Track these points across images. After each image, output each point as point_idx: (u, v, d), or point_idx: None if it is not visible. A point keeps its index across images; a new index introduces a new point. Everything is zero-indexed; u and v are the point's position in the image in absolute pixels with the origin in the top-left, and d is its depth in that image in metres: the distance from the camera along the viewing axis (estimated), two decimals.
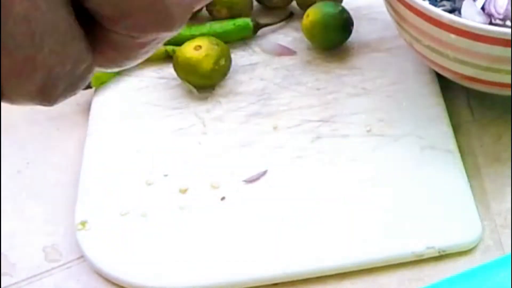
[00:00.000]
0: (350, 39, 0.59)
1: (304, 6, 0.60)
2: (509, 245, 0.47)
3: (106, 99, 0.56)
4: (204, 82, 0.56)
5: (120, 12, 0.25)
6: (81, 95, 0.57)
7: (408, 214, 0.48)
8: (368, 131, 0.53)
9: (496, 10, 0.49)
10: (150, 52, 0.27)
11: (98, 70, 0.31)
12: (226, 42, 0.59)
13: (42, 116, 0.55)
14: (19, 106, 0.52)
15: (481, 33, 0.46)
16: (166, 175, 0.51)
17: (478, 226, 0.47)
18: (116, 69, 0.27)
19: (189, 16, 0.26)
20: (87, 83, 0.28)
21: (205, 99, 0.56)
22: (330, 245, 0.46)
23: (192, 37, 0.56)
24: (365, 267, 0.46)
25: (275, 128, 0.54)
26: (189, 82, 0.55)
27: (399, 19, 0.52)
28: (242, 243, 0.47)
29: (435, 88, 0.55)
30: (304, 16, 0.58)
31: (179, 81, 0.56)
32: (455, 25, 0.46)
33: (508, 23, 0.49)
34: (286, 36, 0.61)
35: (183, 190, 0.50)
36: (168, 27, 0.26)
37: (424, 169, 0.50)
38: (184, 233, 0.48)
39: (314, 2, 0.59)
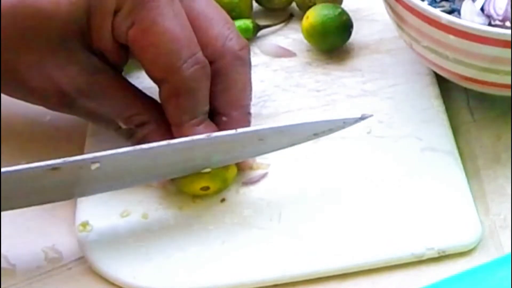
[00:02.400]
0: (350, 40, 0.59)
1: (304, 8, 0.60)
2: (509, 246, 0.47)
3: None
4: None
5: None
6: None
7: (408, 215, 0.48)
8: (368, 132, 0.53)
9: (495, 11, 0.49)
10: None
11: None
12: None
13: (42, 116, 0.55)
14: (19, 107, 0.52)
15: (480, 34, 0.46)
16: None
17: (478, 227, 0.47)
18: None
19: None
20: None
21: None
22: (330, 246, 0.46)
23: None
24: (365, 269, 0.46)
25: None
26: None
27: (398, 20, 0.52)
28: (242, 245, 0.47)
29: (434, 89, 0.55)
30: (304, 18, 0.58)
31: None
32: (454, 26, 0.47)
33: (508, 24, 0.49)
34: (286, 37, 0.61)
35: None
36: None
37: (423, 171, 0.50)
38: (184, 235, 0.48)
39: (314, 4, 0.59)
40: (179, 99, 0.48)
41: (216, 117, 0.50)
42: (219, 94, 0.50)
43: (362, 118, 0.48)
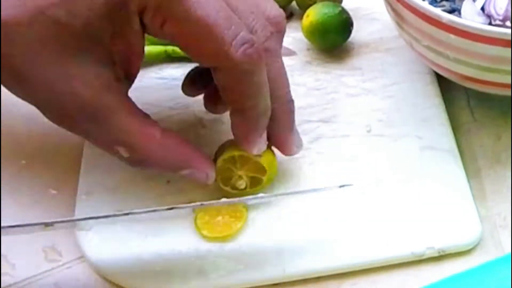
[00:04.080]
0: (350, 39, 0.59)
1: (304, 7, 0.60)
2: (508, 246, 0.47)
3: None
4: None
5: None
6: None
7: (408, 215, 0.48)
8: (368, 131, 0.53)
9: (495, 11, 0.49)
10: None
11: None
12: None
13: (42, 116, 0.54)
14: (19, 107, 0.52)
15: (480, 33, 0.46)
16: (165, 175, 0.51)
17: (478, 226, 0.47)
18: None
19: None
20: None
21: None
22: (330, 245, 0.47)
23: None
24: (365, 268, 0.46)
25: None
26: None
27: (398, 19, 0.52)
28: (241, 244, 0.47)
29: (435, 88, 0.55)
30: (304, 17, 0.58)
31: (178, 81, 0.56)
32: (455, 26, 0.46)
33: (508, 23, 0.49)
34: (286, 36, 0.59)
35: (183, 191, 0.50)
36: None
37: (423, 170, 0.50)
38: (184, 234, 0.48)
39: (314, 3, 0.59)
40: (236, 85, 0.45)
41: None
42: None
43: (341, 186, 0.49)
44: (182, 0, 0.43)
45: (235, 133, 0.47)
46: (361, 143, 0.52)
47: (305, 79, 0.57)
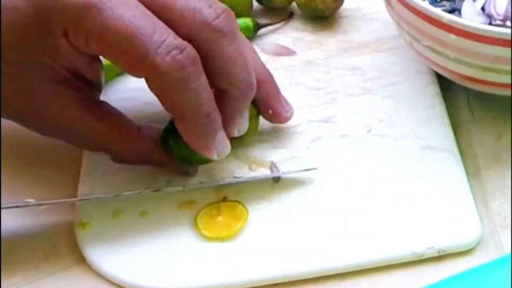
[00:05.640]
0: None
1: (304, 8, 0.60)
2: (508, 246, 0.47)
3: (106, 99, 0.56)
4: None
5: None
6: None
7: (408, 214, 0.48)
8: (368, 131, 0.53)
9: (496, 11, 0.49)
10: None
11: None
12: None
13: None
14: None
15: (481, 33, 0.46)
16: (165, 176, 0.51)
17: (478, 226, 0.47)
18: None
19: None
20: None
21: None
22: (330, 245, 0.46)
23: None
24: (365, 268, 0.46)
25: (274, 128, 0.54)
26: None
27: (399, 19, 0.52)
28: (241, 244, 0.47)
29: (435, 88, 0.55)
30: None
31: None
32: (455, 25, 0.47)
33: (508, 23, 0.49)
34: (286, 36, 0.61)
35: (184, 190, 0.50)
36: None
37: (424, 169, 0.50)
38: (184, 234, 0.48)
39: (316, 6, 0.59)
40: (171, 94, 0.43)
41: (220, 93, 0.46)
42: (211, 75, 0.44)
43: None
44: (97, 14, 0.41)
45: (187, 142, 0.46)
46: (361, 143, 0.52)
47: (305, 79, 0.57)
